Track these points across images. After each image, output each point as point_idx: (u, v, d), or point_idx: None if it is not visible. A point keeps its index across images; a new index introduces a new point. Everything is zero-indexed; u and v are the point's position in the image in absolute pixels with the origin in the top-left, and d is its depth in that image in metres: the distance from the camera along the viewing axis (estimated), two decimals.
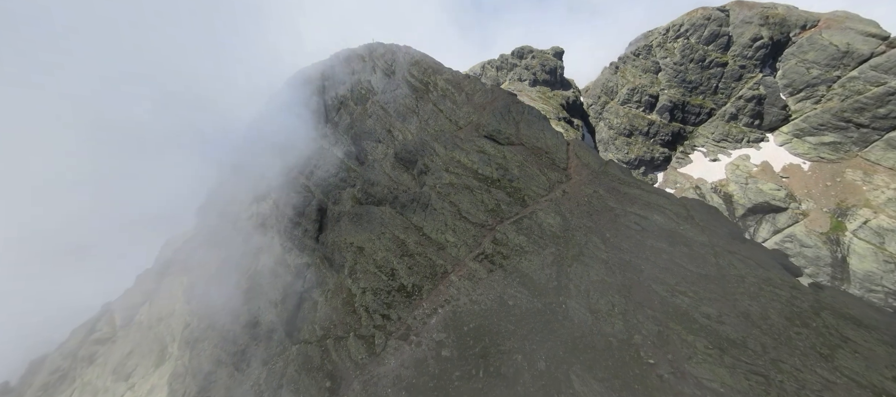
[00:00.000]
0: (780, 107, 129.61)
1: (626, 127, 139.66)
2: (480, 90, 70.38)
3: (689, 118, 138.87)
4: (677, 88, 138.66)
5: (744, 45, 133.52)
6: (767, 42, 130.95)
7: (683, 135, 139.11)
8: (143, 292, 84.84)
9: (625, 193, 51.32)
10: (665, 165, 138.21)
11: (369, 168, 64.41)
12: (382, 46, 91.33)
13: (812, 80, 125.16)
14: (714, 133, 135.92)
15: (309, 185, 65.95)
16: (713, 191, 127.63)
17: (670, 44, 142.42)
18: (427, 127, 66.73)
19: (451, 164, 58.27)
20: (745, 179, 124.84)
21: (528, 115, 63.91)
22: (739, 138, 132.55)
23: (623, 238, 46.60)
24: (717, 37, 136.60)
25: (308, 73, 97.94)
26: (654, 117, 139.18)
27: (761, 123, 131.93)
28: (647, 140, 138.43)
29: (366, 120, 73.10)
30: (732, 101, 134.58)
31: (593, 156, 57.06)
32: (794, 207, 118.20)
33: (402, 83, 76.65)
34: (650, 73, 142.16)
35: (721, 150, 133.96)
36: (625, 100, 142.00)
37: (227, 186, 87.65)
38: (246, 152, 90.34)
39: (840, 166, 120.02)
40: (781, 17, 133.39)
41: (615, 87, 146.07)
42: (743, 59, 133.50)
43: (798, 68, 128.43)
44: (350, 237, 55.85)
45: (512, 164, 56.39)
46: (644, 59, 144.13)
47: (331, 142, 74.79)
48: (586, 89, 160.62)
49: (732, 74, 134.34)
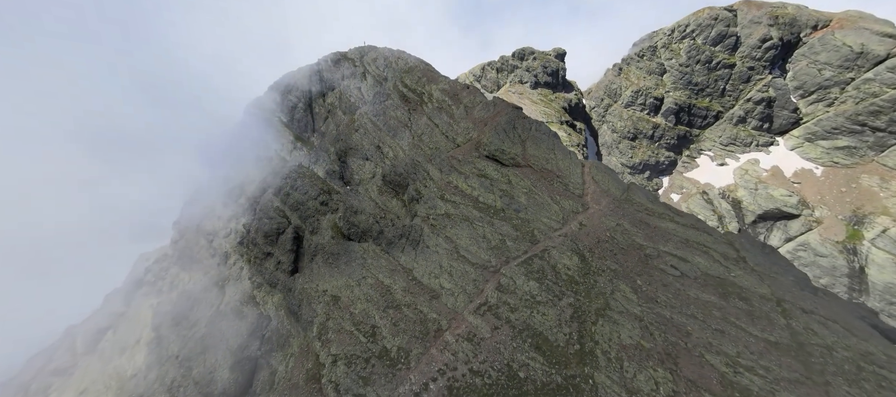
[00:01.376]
0: (791, 109, 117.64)
1: (630, 130, 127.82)
2: (481, 103, 58.89)
3: (696, 121, 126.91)
4: (683, 90, 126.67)
5: (752, 45, 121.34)
6: (777, 43, 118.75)
7: (689, 139, 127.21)
8: (110, 314, 73.72)
9: (655, 227, 39.95)
10: (670, 169, 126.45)
11: (354, 192, 53.24)
12: (374, 50, 79.62)
13: (824, 81, 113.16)
14: (721, 136, 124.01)
15: (284, 209, 54.48)
16: (721, 196, 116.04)
17: (676, 45, 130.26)
18: (420, 144, 55.28)
19: (447, 190, 46.94)
20: (755, 185, 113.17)
21: (536, 132, 52.79)
22: (748, 142, 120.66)
23: (658, 286, 35.19)
24: (725, 37, 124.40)
25: (293, 78, 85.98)
26: (659, 120, 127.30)
27: (771, 127, 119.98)
28: (651, 143, 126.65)
29: (352, 134, 61.59)
30: (740, 104, 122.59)
31: (613, 180, 45.55)
32: (806, 214, 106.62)
33: (393, 93, 65.09)
34: (655, 75, 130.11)
35: (729, 154, 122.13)
36: (629, 102, 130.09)
37: (206, 197, 76.80)
38: (225, 161, 79.61)
39: (855, 171, 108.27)
40: (791, 17, 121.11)
41: (619, 89, 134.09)
42: (751, 60, 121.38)
43: (809, 70, 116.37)
44: (324, 282, 43.59)
45: (518, 191, 45.12)
46: (648, 61, 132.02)
47: (311, 159, 63.38)
48: (589, 91, 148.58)
49: (740, 76, 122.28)
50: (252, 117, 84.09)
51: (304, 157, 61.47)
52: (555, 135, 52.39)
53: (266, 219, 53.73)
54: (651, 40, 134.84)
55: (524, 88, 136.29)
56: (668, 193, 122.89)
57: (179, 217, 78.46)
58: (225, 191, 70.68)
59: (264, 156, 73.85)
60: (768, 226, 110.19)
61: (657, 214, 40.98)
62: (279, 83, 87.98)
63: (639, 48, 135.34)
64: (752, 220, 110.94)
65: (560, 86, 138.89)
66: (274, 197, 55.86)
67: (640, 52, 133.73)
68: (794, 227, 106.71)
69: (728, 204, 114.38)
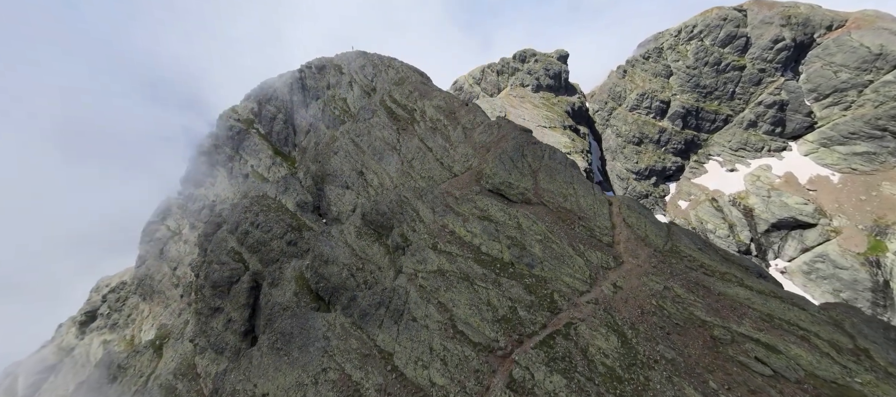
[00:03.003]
0: (805, 113, 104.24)
1: (635, 134, 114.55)
2: (482, 124, 46.07)
3: (704, 125, 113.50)
4: (690, 93, 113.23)
5: (763, 46, 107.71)
6: (790, 44, 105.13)
7: (697, 144, 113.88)
8: (58, 350, 61.46)
9: (720, 294, 27.28)
10: (678, 175, 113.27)
11: (326, 235, 39.56)
12: (363, 56, 66.31)
13: (840, 84, 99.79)
14: (731, 141, 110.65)
15: (241, 251, 42.19)
16: (732, 203, 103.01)
17: (682, 46, 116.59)
18: (411, 171, 42.63)
19: (440, 236, 34.36)
20: (768, 191, 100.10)
21: (550, 161, 39.64)
22: (759, 147, 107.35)
23: (744, 394, 22.88)
24: (734, 38, 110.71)
25: (273, 85, 72.54)
26: (666, 124, 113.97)
27: (783, 131, 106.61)
28: (657, 148, 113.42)
29: (330, 157, 48.74)
30: (751, 107, 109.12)
31: (651, 223, 32.71)
32: (823, 223, 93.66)
33: (379, 109, 52.43)
34: (661, 78, 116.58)
35: (739, 160, 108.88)
36: (634, 105, 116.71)
37: (172, 216, 64.55)
38: (195, 176, 67.27)
39: (875, 178, 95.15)
40: (805, 17, 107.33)
41: (623, 91, 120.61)
42: (762, 61, 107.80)
43: (824, 72, 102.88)
44: (266, 381, 30.04)
45: (531, 238, 32.52)
46: (654, 63, 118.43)
47: (280, 188, 49.98)
48: (592, 94, 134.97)
49: (751, 78, 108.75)
50: (225, 128, 71.20)
51: (270, 187, 48.60)
52: (573, 164, 39.86)
53: (217, 265, 40.84)
54: (657, 41, 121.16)
55: (526, 92, 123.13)
56: (676, 200, 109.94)
57: (141, 236, 65.82)
58: (193, 210, 58.29)
59: (239, 173, 61.41)
60: (782, 235, 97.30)
61: (719, 275, 28.25)
62: (256, 91, 74.71)
63: (644, 49, 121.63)
64: (765, 229, 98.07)
65: (562, 89, 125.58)
66: (229, 235, 42.93)
67: (645, 54, 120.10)
68: (810, 237, 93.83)
69: (739, 211, 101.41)
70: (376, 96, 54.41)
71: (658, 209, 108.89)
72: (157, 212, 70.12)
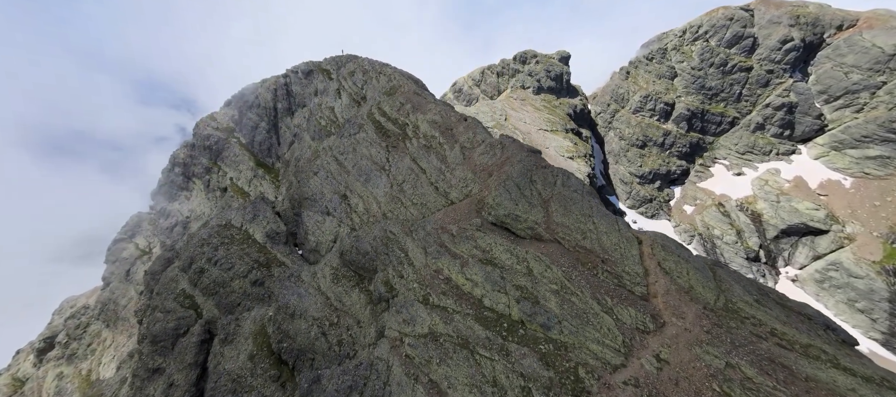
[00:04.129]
0: (815, 116, 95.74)
1: (638, 137, 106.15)
2: (483, 143, 38.12)
3: (709, 128, 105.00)
4: (695, 95, 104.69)
5: (771, 47, 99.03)
6: (798, 44, 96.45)
7: (703, 147, 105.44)
8: (13, 382, 53.09)
9: (810, 379, 19.32)
10: (683, 179, 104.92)
11: (295, 281, 31.28)
12: (354, 61, 57.77)
13: (852, 86, 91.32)
14: (737, 144, 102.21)
15: (194, 293, 33.49)
16: (739, 208, 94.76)
17: (687, 46, 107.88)
18: (401, 196, 34.61)
19: (433, 285, 26.27)
20: (777, 196, 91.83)
21: (564, 188, 31.19)
22: (767, 150, 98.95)
23: None
24: (741, 38, 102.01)
25: (256, 91, 63.78)
26: (670, 126, 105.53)
27: (792, 134, 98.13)
28: (662, 151, 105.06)
29: (310, 178, 40.62)
30: (758, 110, 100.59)
31: (696, 270, 24.28)
32: (836, 230, 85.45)
33: (367, 123, 44.29)
34: (665, 79, 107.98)
35: (746, 163, 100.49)
36: (637, 108, 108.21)
37: (141, 233, 56.54)
38: (168, 189, 59.13)
39: (890, 183, 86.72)
40: (814, 17, 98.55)
41: (626, 93, 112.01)
42: (770, 62, 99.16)
43: (834, 73, 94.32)
44: None
45: (544, 288, 24.56)
46: (658, 64, 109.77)
47: (247, 216, 40.16)
48: (594, 96, 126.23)
49: (758, 80, 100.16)
50: (202, 137, 62.66)
51: (236, 214, 40.23)
52: (590, 192, 31.73)
53: (161, 313, 32.23)
54: (660, 42, 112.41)
55: (527, 94, 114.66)
56: (681, 204, 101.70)
57: (107, 255, 57.50)
58: (165, 227, 50.36)
59: (217, 186, 53.41)
60: (792, 242, 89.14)
61: (801, 349, 20.12)
62: (238, 97, 66.07)
63: (647, 50, 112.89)
64: (775, 235, 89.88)
65: (564, 91, 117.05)
66: (181, 273, 34.27)
67: (648, 55, 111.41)
68: (822, 244, 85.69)
69: (747, 217, 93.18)
70: (365, 107, 45.79)
71: (663, 214, 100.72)
72: (126, 228, 61.77)
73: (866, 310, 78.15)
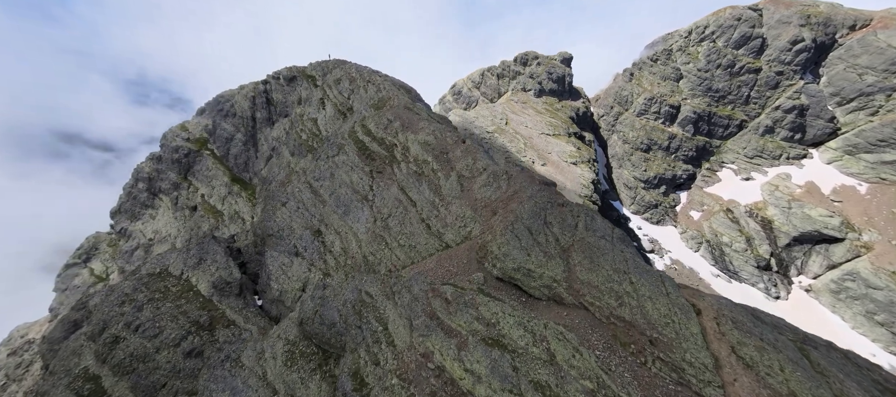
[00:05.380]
0: (827, 119, 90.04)
1: (643, 141, 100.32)
2: (485, 171, 31.40)
3: (716, 131, 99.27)
4: (702, 98, 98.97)
5: (781, 48, 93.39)
6: (809, 45, 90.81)
7: (710, 150, 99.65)
8: None
9: None
10: (689, 184, 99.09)
11: (233, 364, 23.72)
12: (341, 66, 52.27)
13: (866, 88, 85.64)
14: (746, 148, 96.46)
15: (102, 374, 24.83)
16: (748, 214, 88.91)
17: (693, 47, 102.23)
18: (385, 235, 28.12)
19: (419, 379, 19.56)
20: (788, 202, 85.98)
21: (587, 233, 24.20)
22: (777, 154, 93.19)
23: None
24: (749, 39, 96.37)
25: (233, 99, 58.63)
26: (676, 130, 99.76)
27: (803, 138, 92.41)
28: (667, 155, 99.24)
29: (277, 209, 34.46)
30: (768, 112, 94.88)
31: (791, 362, 17.44)
32: (852, 238, 79.59)
33: (348, 144, 37.56)
34: (670, 81, 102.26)
35: (755, 168, 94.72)
36: (641, 110, 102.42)
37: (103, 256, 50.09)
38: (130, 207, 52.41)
39: None
40: (825, 17, 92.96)
41: (630, 96, 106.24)
42: (780, 64, 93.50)
43: (847, 74, 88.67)
44: None
45: (574, 386, 17.69)
46: (663, 65, 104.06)
47: (191, 260, 31.92)
48: (596, 98, 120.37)
49: (767, 82, 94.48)
50: (171, 149, 55.58)
51: (179, 259, 32.44)
52: (622, 238, 24.34)
53: None
54: (665, 43, 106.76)
55: (528, 97, 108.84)
56: (687, 210, 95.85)
57: (56, 282, 50.39)
58: (125, 251, 43.93)
59: (186, 204, 46.94)
60: (805, 250, 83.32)
61: None
62: (213, 104, 59.05)
63: (652, 51, 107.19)
64: (787, 243, 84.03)
65: (567, 93, 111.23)
66: (87, 343, 26.75)
67: (653, 56, 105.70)
68: (837, 253, 79.86)
69: (757, 223, 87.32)
70: (347, 123, 39.83)
71: (668, 220, 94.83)
72: (80, 250, 54.36)
73: (886, 323, 72.30)
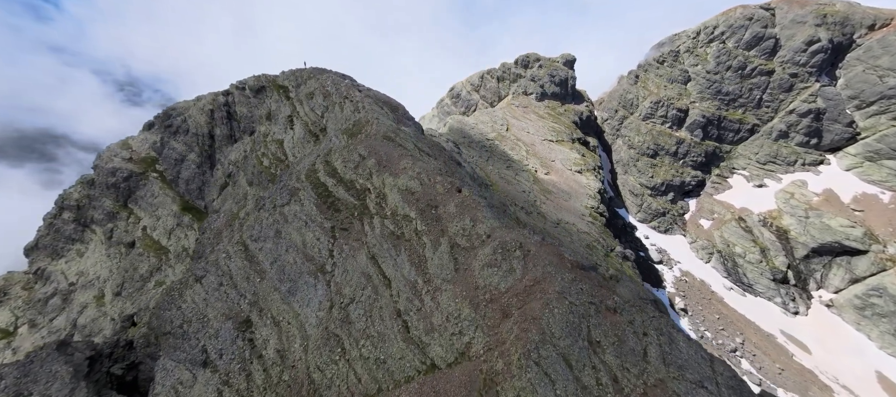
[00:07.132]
0: (845, 123, 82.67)
1: (649, 146, 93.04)
2: (491, 239, 21.09)
3: (727, 136, 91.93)
4: (711, 101, 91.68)
5: (795, 49, 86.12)
6: (826, 45, 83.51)
7: (720, 156, 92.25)
8: None
9: None
10: (698, 191, 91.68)
11: None
12: (318, 76, 43.23)
13: (888, 90, 78.41)
14: (758, 153, 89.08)
15: None
16: (762, 224, 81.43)
17: (702, 49, 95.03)
18: (343, 332, 19.38)
19: None
20: (805, 211, 78.51)
21: (669, 369, 14.11)
22: (791, 160, 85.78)
23: None
24: (761, 40, 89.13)
25: (187, 112, 50.59)
26: (684, 134, 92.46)
27: (819, 143, 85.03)
28: (675, 161, 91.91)
29: (186, 289, 23.92)
30: (781, 116, 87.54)
31: None
32: (876, 250, 72.05)
33: (305, 187, 27.75)
34: (677, 84, 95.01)
35: (768, 174, 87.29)
36: (647, 114, 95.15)
37: (12, 304, 42.55)
38: (46, 245, 44.60)
39: None
40: (843, 16, 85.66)
41: (635, 99, 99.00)
42: (794, 65, 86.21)
43: (867, 76, 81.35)
44: None
45: None
46: (670, 67, 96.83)
47: (67, 387, 20.96)
48: (600, 101, 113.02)
49: (781, 84, 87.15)
50: (106, 172, 47.64)
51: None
52: (709, 358, 15.00)
53: None
54: (672, 44, 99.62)
55: (529, 100, 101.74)
56: (697, 218, 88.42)
57: None
58: (40, 298, 36.51)
59: (123, 239, 39.11)
60: (825, 262, 75.81)
61: None
62: (162, 118, 49.60)
63: (658, 53, 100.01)
64: (805, 255, 76.56)
65: (569, 96, 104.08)
66: None
67: (659, 58, 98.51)
68: (860, 266, 72.37)
69: (771, 233, 79.85)
70: (309, 158, 30.59)
71: (677, 228, 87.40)
72: None
73: None
